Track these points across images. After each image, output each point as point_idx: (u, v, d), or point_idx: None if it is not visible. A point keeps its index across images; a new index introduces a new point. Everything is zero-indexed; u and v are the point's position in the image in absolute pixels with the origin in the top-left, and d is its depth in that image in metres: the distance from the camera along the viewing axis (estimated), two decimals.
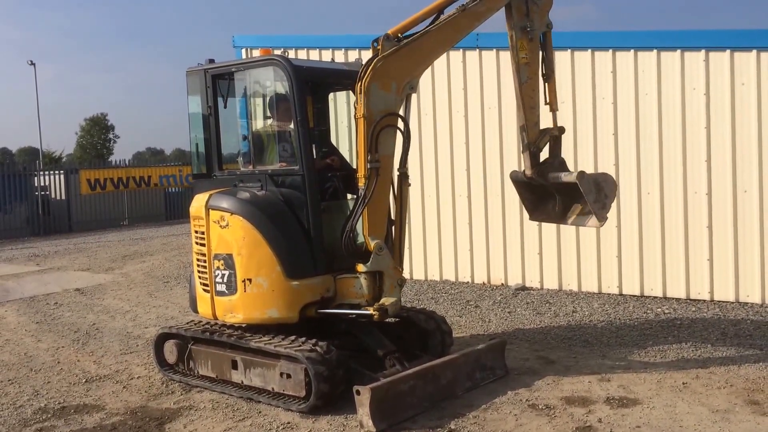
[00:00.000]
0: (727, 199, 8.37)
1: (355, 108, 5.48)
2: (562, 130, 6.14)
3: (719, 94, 8.34)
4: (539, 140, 5.99)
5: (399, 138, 5.66)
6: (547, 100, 6.10)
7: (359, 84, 5.39)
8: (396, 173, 5.80)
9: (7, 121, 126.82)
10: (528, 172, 6.09)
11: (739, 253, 8.34)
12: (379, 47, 5.41)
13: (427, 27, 5.63)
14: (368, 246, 5.53)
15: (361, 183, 5.48)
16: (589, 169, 8.92)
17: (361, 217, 5.49)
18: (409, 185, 5.91)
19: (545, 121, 6.16)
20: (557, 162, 6.08)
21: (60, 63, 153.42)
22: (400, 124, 5.60)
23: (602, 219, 5.82)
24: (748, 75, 8.17)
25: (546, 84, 6.07)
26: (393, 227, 5.87)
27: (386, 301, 5.54)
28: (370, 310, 5.52)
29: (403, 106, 5.68)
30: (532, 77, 5.90)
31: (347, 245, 5.55)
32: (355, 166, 5.71)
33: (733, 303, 8.37)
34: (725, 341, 6.90)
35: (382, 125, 5.44)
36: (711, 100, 8.39)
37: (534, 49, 5.87)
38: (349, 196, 6.19)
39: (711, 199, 8.46)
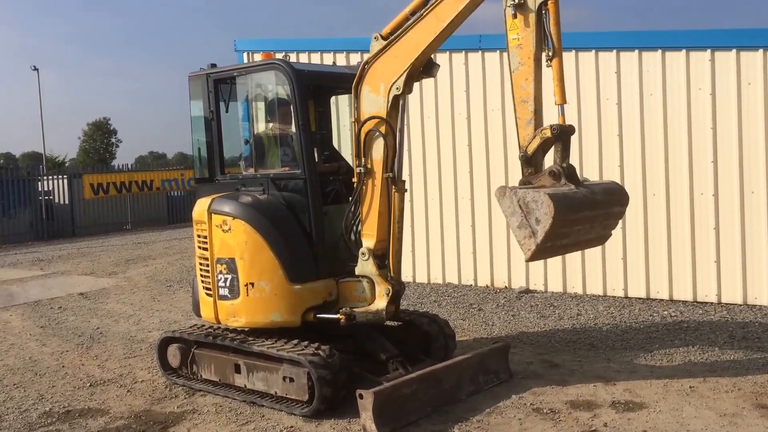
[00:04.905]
0: (734, 200, 8.31)
1: None
2: (564, 129, 4.61)
3: (725, 94, 8.29)
4: (530, 143, 4.74)
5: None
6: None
7: (353, 87, 5.40)
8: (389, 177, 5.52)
9: (11, 127, 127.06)
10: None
11: (746, 254, 8.28)
12: None
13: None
14: None
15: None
16: (593, 173, 8.88)
17: (358, 220, 5.47)
18: (405, 191, 5.63)
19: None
20: (550, 171, 4.69)
21: (63, 68, 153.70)
22: (388, 128, 5.38)
23: (526, 251, 4.64)
24: (754, 74, 8.12)
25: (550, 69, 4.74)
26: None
27: (370, 307, 5.53)
28: (338, 314, 5.52)
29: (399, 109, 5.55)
30: (525, 63, 4.72)
31: (340, 248, 5.55)
32: None
33: (740, 305, 8.31)
34: (733, 344, 6.85)
35: (368, 128, 5.41)
36: (717, 100, 8.34)
37: (527, 29, 4.70)
38: (351, 199, 6.17)
39: (718, 200, 8.41)
